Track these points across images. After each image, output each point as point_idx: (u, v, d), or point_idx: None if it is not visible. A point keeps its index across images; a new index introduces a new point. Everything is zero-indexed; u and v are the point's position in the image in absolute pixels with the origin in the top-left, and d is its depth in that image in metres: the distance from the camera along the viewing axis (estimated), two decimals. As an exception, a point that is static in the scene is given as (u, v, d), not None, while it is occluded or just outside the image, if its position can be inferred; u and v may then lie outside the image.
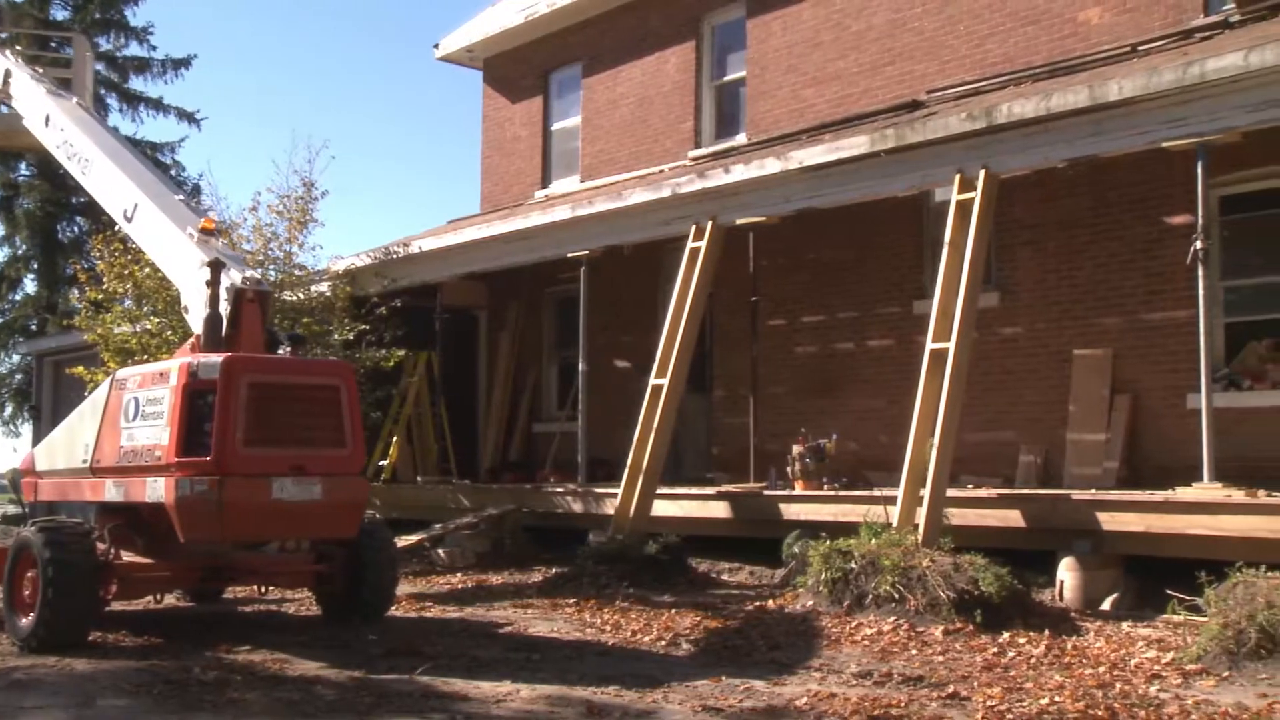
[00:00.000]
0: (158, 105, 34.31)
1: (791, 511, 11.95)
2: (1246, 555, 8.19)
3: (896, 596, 9.02)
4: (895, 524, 9.93)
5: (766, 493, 12.47)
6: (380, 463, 16.81)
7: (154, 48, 34.65)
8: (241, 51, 52.10)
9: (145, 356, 13.07)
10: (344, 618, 9.55)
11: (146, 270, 13.53)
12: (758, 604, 10.29)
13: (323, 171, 25.84)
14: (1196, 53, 10.12)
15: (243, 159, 51.58)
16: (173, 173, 31.46)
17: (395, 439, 17.13)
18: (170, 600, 10.64)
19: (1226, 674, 7.07)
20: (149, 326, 13.94)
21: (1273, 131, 9.79)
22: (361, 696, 6.81)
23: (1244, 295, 11.37)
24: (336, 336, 14.61)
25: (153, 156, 31.30)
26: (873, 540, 9.70)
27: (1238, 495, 9.15)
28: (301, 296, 15.15)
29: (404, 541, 13.70)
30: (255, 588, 10.82)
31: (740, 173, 12.73)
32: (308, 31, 56.27)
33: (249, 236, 14.95)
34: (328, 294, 15.58)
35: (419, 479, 17.04)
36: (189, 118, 34.32)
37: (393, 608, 10.05)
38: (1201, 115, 9.56)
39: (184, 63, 34.62)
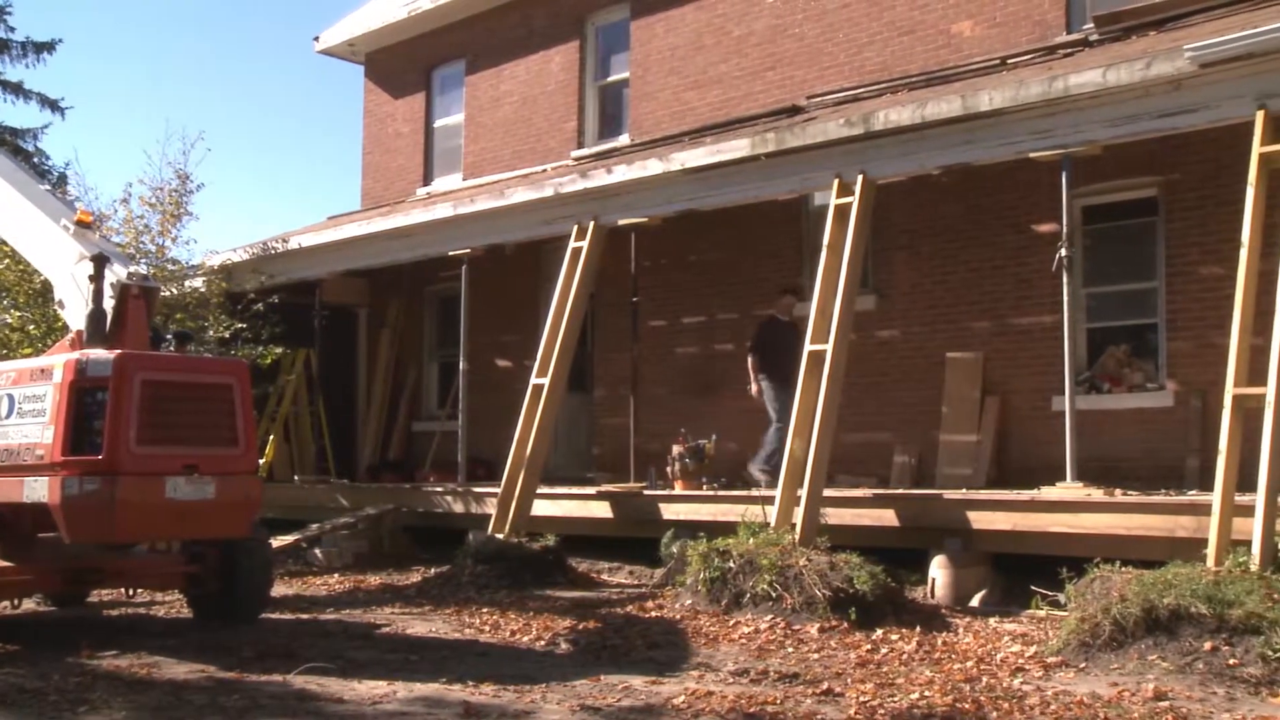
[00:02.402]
0: (18, 90, 32.96)
1: (671, 511, 12.05)
2: (1104, 551, 8.52)
3: (774, 595, 9.16)
4: (773, 523, 10.07)
5: (646, 493, 12.55)
6: (259, 461, 16.47)
7: (13, 29, 33.26)
8: (111, 38, 50.57)
9: (5, 352, 12.61)
10: (217, 620, 9.35)
11: (5, 262, 13.06)
12: (637, 603, 10.34)
13: (198, 164, 25.11)
14: (1060, 68, 10.48)
15: (113, 149, 50.05)
16: (35, 161, 30.28)
17: (272, 438, 16.82)
18: (30, 605, 10.25)
19: (1083, 665, 7.35)
20: (9, 320, 13.45)
21: (1130, 145, 10.22)
22: (233, 700, 6.67)
23: (1104, 301, 11.81)
24: (212, 334, 14.29)
25: (13, 144, 30.14)
26: (751, 540, 9.83)
27: (1097, 494, 9.51)
28: (175, 292, 14.78)
29: (280, 542, 13.45)
30: (123, 590, 10.51)
31: (623, 173, 12.79)
32: (182, 20, 54.85)
33: (119, 229, 14.53)
34: (202, 290, 15.23)
35: (296, 478, 16.75)
36: (52, 105, 33.07)
37: (267, 609, 9.87)
38: (1066, 127, 9.91)
39: (48, 46, 33.27)
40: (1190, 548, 8.22)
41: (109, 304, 8.86)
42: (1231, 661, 6.82)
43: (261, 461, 16.47)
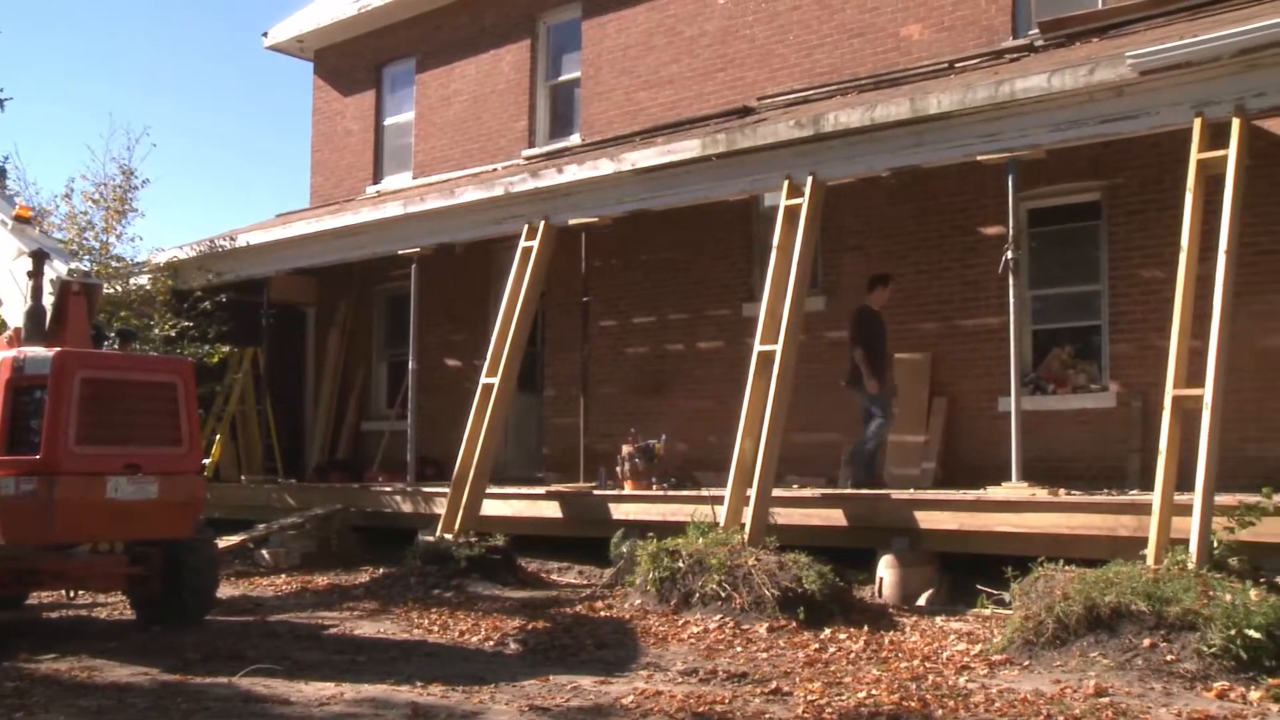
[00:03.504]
0: (-47, 81, 32.35)
1: (621, 511, 12.05)
2: (1049, 550, 8.63)
3: (723, 595, 9.19)
4: (722, 523, 10.11)
5: (596, 492, 12.55)
6: (203, 461, 16.30)
7: (-54, 21, 32.58)
8: (52, 29, 49.68)
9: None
10: (161, 622, 9.24)
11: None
12: (587, 603, 10.34)
13: (143, 159, 24.86)
14: (1007, 73, 10.61)
15: (55, 144, 49.23)
16: (-32, 154, 29.75)
17: (218, 437, 16.65)
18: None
19: (1027, 663, 7.44)
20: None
21: (1074, 149, 10.37)
22: (177, 702, 6.60)
23: (1049, 304, 11.97)
24: (157, 332, 14.13)
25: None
26: (700, 540, 9.86)
27: (1041, 494, 9.63)
28: (119, 289, 14.59)
29: (226, 542, 13.33)
30: (63, 592, 10.35)
31: (573, 173, 12.78)
32: (127, 13, 54.04)
33: (61, 225, 14.33)
34: (147, 287, 15.04)
35: (243, 478, 16.60)
36: (-10, 98, 32.47)
37: (213, 611, 9.77)
38: (1012, 131, 10.03)
39: (-15, 37, 32.73)
40: (1131, 546, 8.34)
41: (49, 301, 8.75)
42: (1169, 657, 6.94)
43: (207, 461, 16.29)
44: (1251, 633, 6.79)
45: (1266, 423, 10.24)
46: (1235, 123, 8.80)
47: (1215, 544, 7.90)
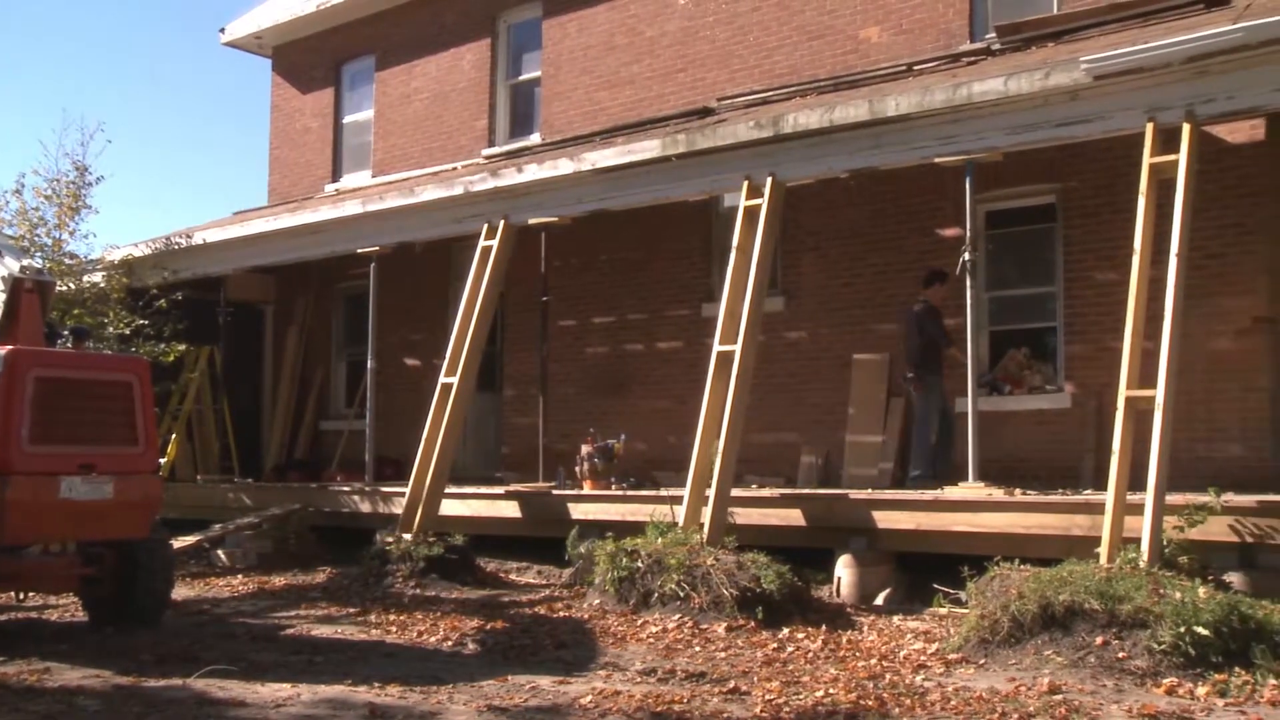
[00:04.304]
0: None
1: (580, 511, 12.05)
2: (1005, 550, 8.70)
3: (681, 595, 9.20)
4: (681, 523, 10.13)
5: (555, 492, 12.54)
6: (159, 461, 16.15)
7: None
8: (2, 20, 48.99)
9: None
10: (114, 624, 9.14)
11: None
12: (546, 603, 10.34)
13: (98, 155, 24.54)
14: (964, 76, 10.70)
15: (4, 139, 48.52)
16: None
17: (174, 436, 16.50)
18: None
19: (983, 661, 7.51)
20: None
21: (1030, 153, 10.47)
22: (130, 705, 6.53)
23: (1005, 305, 12.09)
24: (112, 330, 13.97)
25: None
26: (659, 539, 9.87)
27: (997, 494, 9.72)
28: (73, 287, 14.42)
29: (181, 543, 13.20)
30: (13, 595, 10.20)
31: (533, 172, 12.77)
32: (79, 6, 53.34)
33: (12, 221, 14.15)
34: (102, 285, 14.87)
35: (199, 478, 16.46)
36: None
37: (168, 612, 9.67)
38: (969, 134, 10.12)
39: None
40: (1085, 545, 8.44)
41: (0, 298, 8.63)
42: (1121, 655, 7.04)
43: (163, 461, 16.14)
44: (1200, 630, 6.89)
45: (1214, 423, 10.39)
46: (1186, 128, 8.93)
47: (1166, 543, 8.01)
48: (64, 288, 14.07)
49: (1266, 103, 9.00)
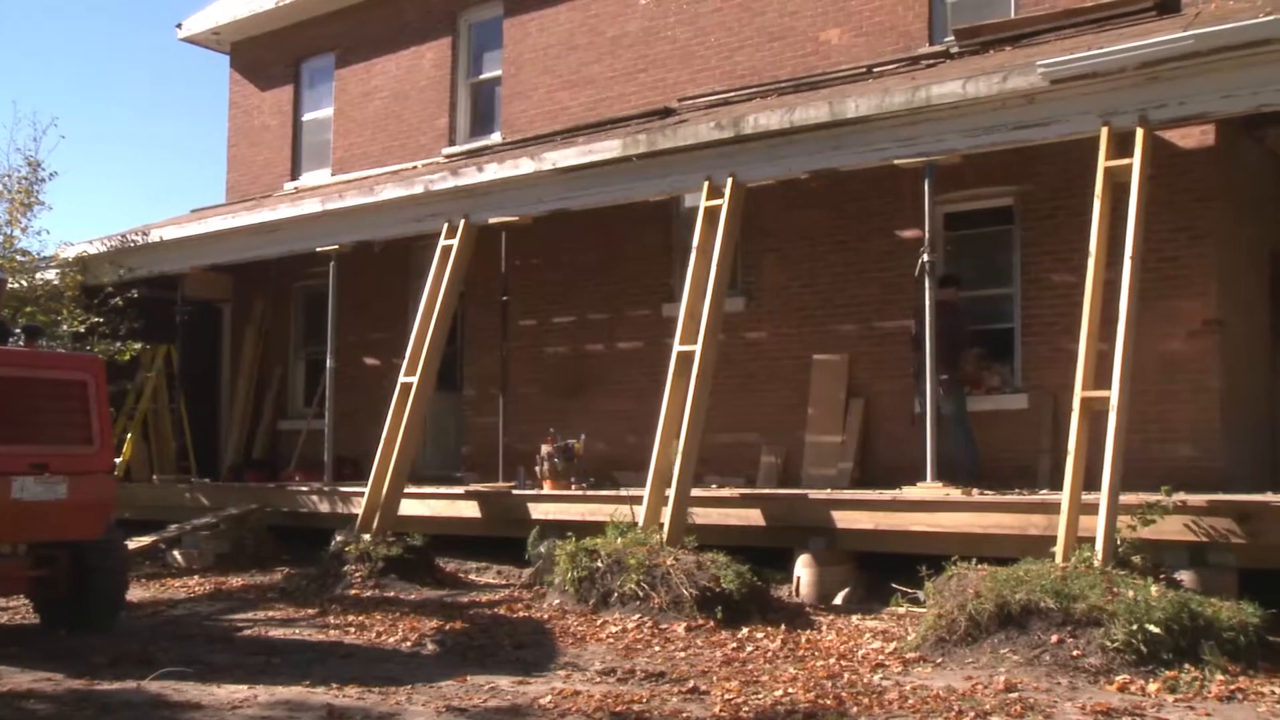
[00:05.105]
0: None
1: (540, 511, 12.04)
2: (962, 549, 8.78)
3: (641, 594, 9.22)
4: (641, 523, 10.14)
5: (515, 492, 12.51)
6: (114, 460, 15.98)
7: None
8: (-41, 17, 48.16)
9: None
10: (67, 626, 9.03)
11: None
12: (505, 603, 10.32)
13: (51, 151, 24.24)
14: (923, 78, 10.77)
15: (-41, 134, 47.70)
16: None
17: (130, 436, 16.33)
18: None
19: (940, 660, 7.57)
20: None
21: (989, 155, 10.56)
22: (83, 709, 6.46)
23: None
24: (66, 328, 13.82)
25: None
26: (619, 539, 9.88)
27: (955, 494, 9.80)
28: (25, 284, 14.24)
29: (137, 543, 13.09)
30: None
31: (494, 172, 12.74)
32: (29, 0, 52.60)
33: (-39, 217, 13.95)
34: (55, 282, 14.70)
35: (155, 478, 16.30)
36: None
37: (123, 613, 9.56)
38: (929, 136, 10.19)
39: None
40: (1042, 545, 8.52)
41: None
42: (1075, 653, 7.12)
43: (118, 461, 15.99)
44: (1152, 627, 6.99)
45: (1167, 424, 10.53)
46: (1139, 132, 9.05)
47: (1120, 542, 8.10)
48: (16, 285, 13.90)
49: (1216, 109, 9.15)
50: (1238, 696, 6.53)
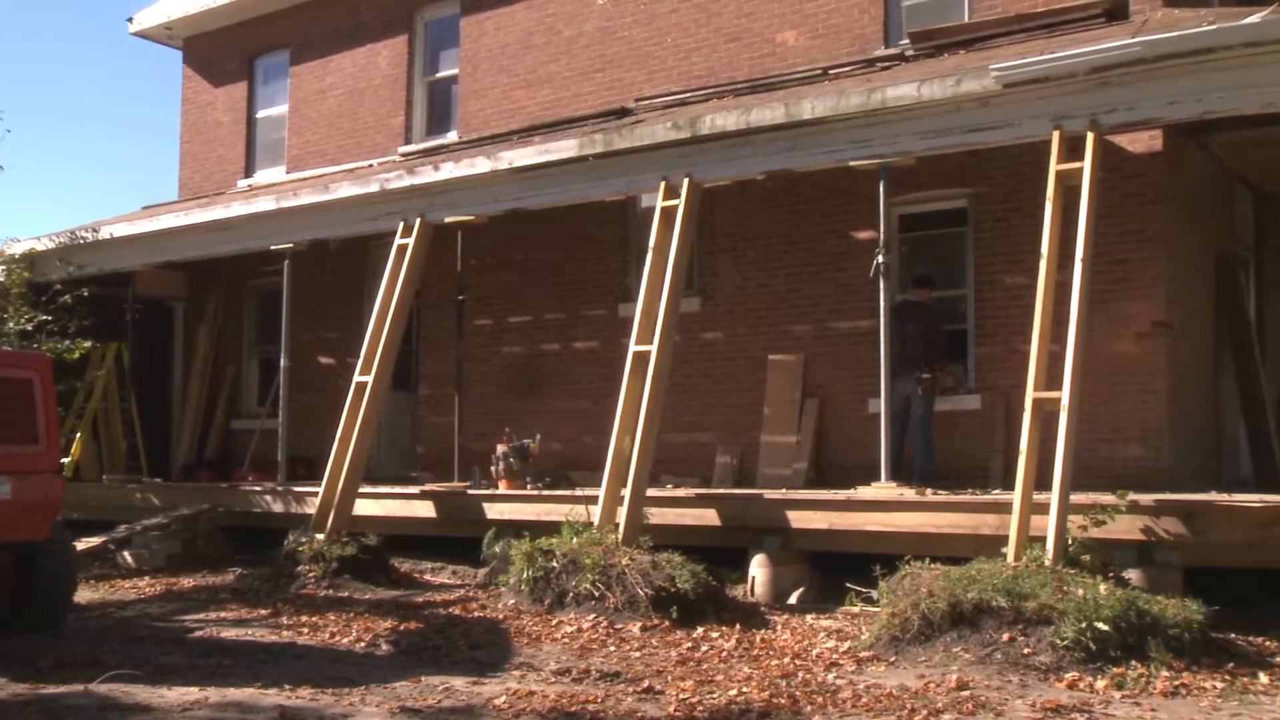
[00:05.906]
0: None
1: (495, 511, 12.01)
2: (915, 549, 8.85)
3: (597, 594, 9.22)
4: (597, 523, 10.14)
5: (470, 492, 12.48)
6: (61, 460, 15.77)
7: None
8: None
9: None
10: (13, 628, 8.90)
11: None
12: (460, 603, 10.29)
13: (-2, 146, 23.87)
14: (879, 81, 10.85)
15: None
16: None
17: (79, 435, 16.13)
18: None
19: (894, 659, 7.63)
20: None
21: (943, 157, 10.67)
22: (27, 712, 6.37)
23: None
24: (12, 325, 13.61)
25: None
26: (574, 539, 9.88)
27: (909, 494, 9.88)
28: (-32, 281, 14.03)
29: (85, 544, 12.92)
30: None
31: (450, 171, 12.69)
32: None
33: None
34: (1, 280, 14.48)
35: (105, 478, 16.10)
36: None
37: (70, 615, 9.44)
38: (883, 138, 10.27)
39: None
40: (994, 544, 8.61)
41: None
42: (1026, 651, 7.20)
43: (66, 460, 15.78)
44: (1100, 625, 7.08)
45: (1116, 424, 10.66)
46: (1090, 136, 9.17)
47: (1070, 541, 8.20)
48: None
49: (1163, 114, 9.30)
50: (1181, 692, 6.64)
